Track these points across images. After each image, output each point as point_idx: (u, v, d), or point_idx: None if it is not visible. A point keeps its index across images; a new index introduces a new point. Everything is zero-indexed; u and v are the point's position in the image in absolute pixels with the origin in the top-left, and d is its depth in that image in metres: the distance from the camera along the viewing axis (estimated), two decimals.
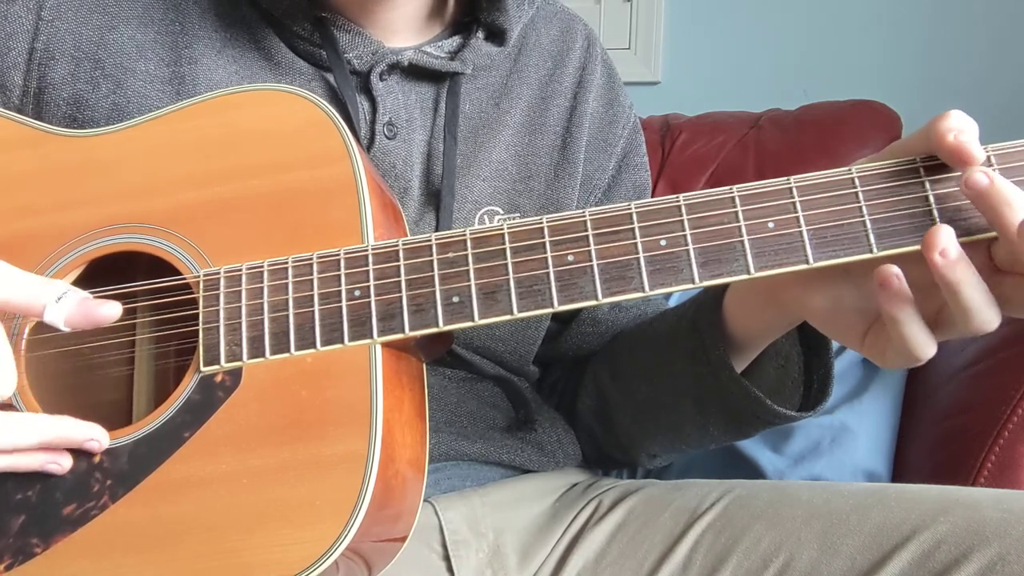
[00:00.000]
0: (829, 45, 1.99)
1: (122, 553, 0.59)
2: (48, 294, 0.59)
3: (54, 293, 0.59)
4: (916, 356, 0.58)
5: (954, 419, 1.11)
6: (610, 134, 0.94)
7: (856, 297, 0.63)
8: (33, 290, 0.59)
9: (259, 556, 0.58)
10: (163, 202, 0.66)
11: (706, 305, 0.77)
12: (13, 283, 0.59)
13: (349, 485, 0.58)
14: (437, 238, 0.62)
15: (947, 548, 0.65)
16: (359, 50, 0.81)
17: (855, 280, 0.62)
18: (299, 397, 0.60)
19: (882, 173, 0.57)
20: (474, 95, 0.87)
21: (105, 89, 0.78)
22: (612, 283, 0.59)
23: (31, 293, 0.59)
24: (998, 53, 1.85)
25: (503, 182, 0.86)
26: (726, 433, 0.82)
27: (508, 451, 0.86)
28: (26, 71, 0.79)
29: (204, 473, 0.60)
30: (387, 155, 0.81)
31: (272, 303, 0.62)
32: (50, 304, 0.59)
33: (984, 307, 0.55)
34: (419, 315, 0.61)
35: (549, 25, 0.93)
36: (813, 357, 0.77)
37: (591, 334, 0.94)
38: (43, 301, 0.59)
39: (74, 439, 0.61)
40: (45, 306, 0.59)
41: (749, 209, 0.58)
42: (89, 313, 0.60)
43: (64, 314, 0.59)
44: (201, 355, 0.62)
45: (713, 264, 0.58)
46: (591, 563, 0.80)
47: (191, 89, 0.78)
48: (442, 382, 0.84)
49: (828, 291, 0.64)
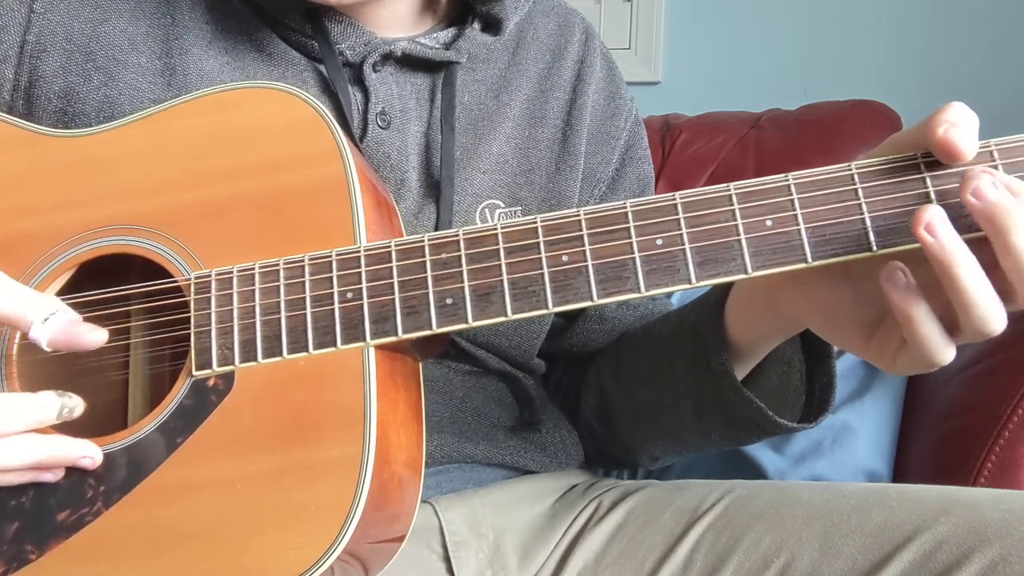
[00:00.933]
0: (829, 45, 1.99)
1: (117, 559, 0.59)
2: (37, 312, 0.59)
3: (43, 311, 0.59)
4: (933, 358, 0.55)
5: (955, 419, 1.11)
6: (612, 126, 0.94)
7: (857, 302, 0.61)
8: (23, 305, 0.59)
9: (254, 561, 0.57)
10: (154, 203, 0.66)
11: (708, 309, 0.76)
12: (4, 294, 0.59)
13: (344, 489, 0.57)
14: (430, 239, 0.61)
15: (948, 549, 0.65)
16: (351, 41, 0.81)
17: (855, 284, 0.61)
18: (292, 401, 0.60)
19: (882, 169, 0.56)
20: (472, 87, 0.86)
21: (97, 81, 0.78)
22: (607, 283, 0.58)
23: (20, 307, 0.59)
24: (998, 53, 1.85)
25: (504, 175, 0.86)
26: (726, 438, 0.81)
27: (511, 452, 0.86)
28: (17, 64, 0.79)
29: (198, 478, 0.59)
30: (381, 145, 0.80)
31: (264, 306, 0.62)
32: (37, 323, 0.59)
33: (984, 296, 0.53)
34: (412, 317, 0.60)
35: (546, 19, 0.93)
36: (815, 365, 0.76)
37: (597, 331, 0.93)
38: (31, 318, 0.59)
39: (67, 457, 0.60)
40: (32, 323, 0.59)
41: (746, 207, 0.57)
42: (74, 337, 0.59)
43: (49, 335, 0.59)
44: (193, 359, 0.62)
45: (710, 264, 0.57)
46: (591, 563, 0.80)
47: (182, 80, 0.78)
48: (447, 375, 0.84)
49: (828, 295, 0.62)
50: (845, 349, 0.64)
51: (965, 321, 0.54)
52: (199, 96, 0.68)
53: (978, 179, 0.52)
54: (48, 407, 0.59)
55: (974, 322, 0.54)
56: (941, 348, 0.55)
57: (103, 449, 0.62)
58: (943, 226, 0.53)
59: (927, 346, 0.55)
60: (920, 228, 0.53)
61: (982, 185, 0.52)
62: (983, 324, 0.54)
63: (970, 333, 0.55)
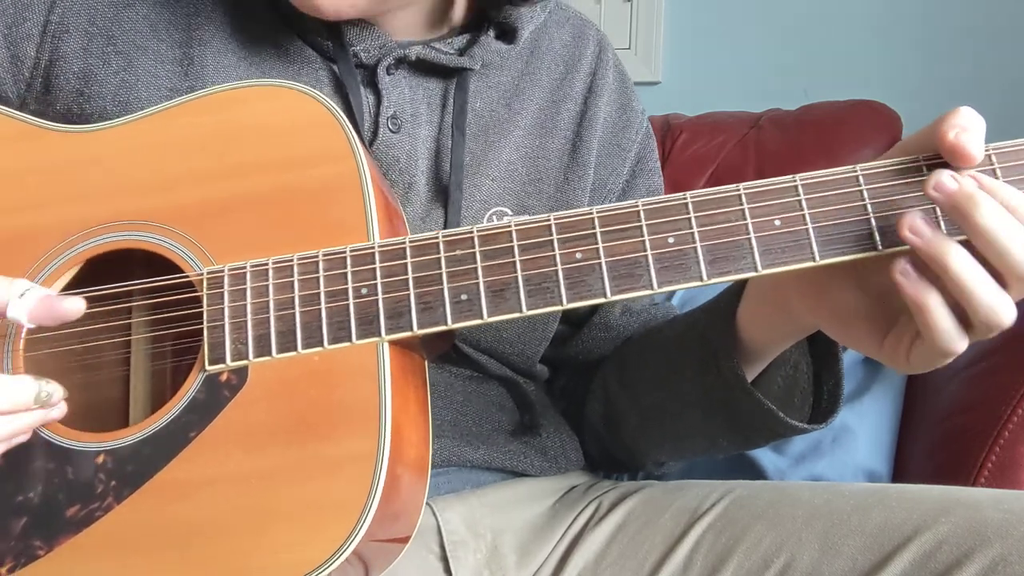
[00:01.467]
0: (829, 45, 1.99)
1: (128, 555, 0.59)
2: (9, 292, 0.59)
3: (16, 290, 0.59)
4: (948, 347, 0.56)
5: (955, 419, 1.11)
6: (624, 139, 0.93)
7: (870, 303, 0.62)
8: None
9: (268, 557, 0.57)
10: (166, 199, 0.66)
11: (718, 314, 0.76)
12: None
13: (359, 485, 0.57)
14: (444, 235, 0.62)
15: (948, 549, 0.65)
16: (366, 43, 0.81)
17: (867, 285, 0.62)
18: (307, 396, 0.60)
19: (886, 171, 0.58)
20: (485, 93, 0.86)
21: (115, 65, 0.78)
22: (621, 280, 0.59)
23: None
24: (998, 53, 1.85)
25: (512, 183, 0.86)
26: (733, 443, 0.81)
27: (511, 456, 0.86)
28: (39, 43, 0.79)
29: (211, 473, 0.60)
30: (391, 149, 0.80)
31: (278, 301, 0.62)
32: (13, 300, 0.59)
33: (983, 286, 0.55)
34: (427, 313, 0.61)
35: (561, 30, 0.93)
36: (823, 367, 0.77)
37: (602, 339, 0.93)
38: (4, 298, 0.59)
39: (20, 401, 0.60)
40: (7, 303, 0.59)
41: (756, 207, 0.58)
42: (53, 308, 0.60)
43: (27, 310, 0.59)
44: (206, 354, 0.62)
45: (721, 262, 0.58)
46: (591, 564, 0.80)
47: (199, 71, 0.78)
48: (448, 379, 0.84)
49: (841, 297, 0.63)
50: (859, 350, 0.65)
51: (974, 315, 0.55)
52: (211, 93, 0.68)
53: (937, 176, 0.55)
54: (25, 389, 0.59)
55: (983, 315, 0.55)
56: (955, 337, 0.56)
57: (114, 444, 0.62)
58: (925, 225, 0.55)
59: (941, 336, 0.56)
60: (905, 230, 0.55)
61: (942, 179, 0.55)
62: (991, 315, 0.55)
63: (982, 327, 0.56)
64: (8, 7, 0.79)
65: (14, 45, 0.79)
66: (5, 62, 0.79)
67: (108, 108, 0.77)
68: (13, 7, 0.79)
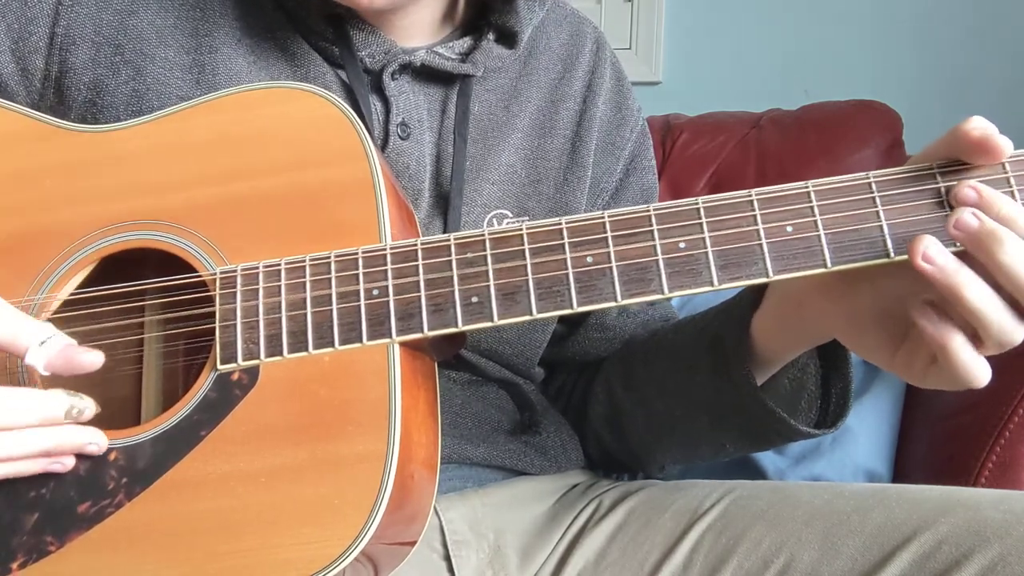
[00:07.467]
0: (829, 45, 1.99)
1: (138, 551, 0.59)
2: (32, 336, 0.59)
3: (39, 336, 0.59)
4: (969, 381, 0.57)
5: (955, 419, 1.11)
6: (618, 137, 0.94)
7: (882, 309, 0.63)
8: (17, 330, 0.59)
9: (277, 555, 0.58)
10: (178, 199, 0.66)
11: (733, 321, 0.76)
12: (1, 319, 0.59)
13: (368, 485, 0.58)
14: (456, 238, 0.62)
15: (948, 548, 0.65)
16: (372, 48, 0.81)
17: (881, 295, 0.62)
18: (317, 396, 0.60)
19: (898, 178, 0.58)
20: (483, 97, 0.86)
21: (125, 75, 0.78)
22: (631, 285, 0.59)
23: (14, 332, 0.59)
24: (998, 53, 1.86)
25: (512, 185, 0.86)
26: (739, 447, 0.82)
27: (511, 455, 0.86)
28: (47, 55, 0.79)
29: (222, 471, 0.60)
30: (401, 156, 0.80)
31: (290, 302, 0.62)
32: (33, 347, 0.59)
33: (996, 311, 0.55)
34: (438, 315, 0.61)
35: (559, 29, 0.93)
36: (832, 371, 0.77)
37: (598, 339, 0.93)
38: (26, 343, 0.59)
39: (73, 444, 0.60)
40: (28, 348, 0.59)
41: (767, 213, 0.59)
42: (71, 360, 0.59)
43: (45, 359, 0.59)
44: (218, 353, 0.62)
45: (732, 267, 0.58)
46: (591, 563, 0.80)
47: (211, 78, 0.78)
48: (447, 385, 0.84)
49: (855, 306, 0.64)
50: (871, 360, 0.65)
51: (987, 338, 0.56)
52: (224, 95, 0.69)
53: (958, 213, 0.55)
54: (56, 404, 0.59)
55: (994, 336, 0.56)
56: (981, 371, 0.57)
57: (126, 442, 0.62)
58: (937, 250, 0.55)
59: (964, 370, 0.57)
60: (918, 259, 0.55)
61: (963, 217, 0.55)
62: (1003, 335, 0.56)
63: (993, 345, 0.57)
64: (13, 22, 0.79)
65: (23, 59, 0.79)
66: (16, 75, 0.79)
67: (121, 118, 0.76)
68: (18, 21, 0.79)
